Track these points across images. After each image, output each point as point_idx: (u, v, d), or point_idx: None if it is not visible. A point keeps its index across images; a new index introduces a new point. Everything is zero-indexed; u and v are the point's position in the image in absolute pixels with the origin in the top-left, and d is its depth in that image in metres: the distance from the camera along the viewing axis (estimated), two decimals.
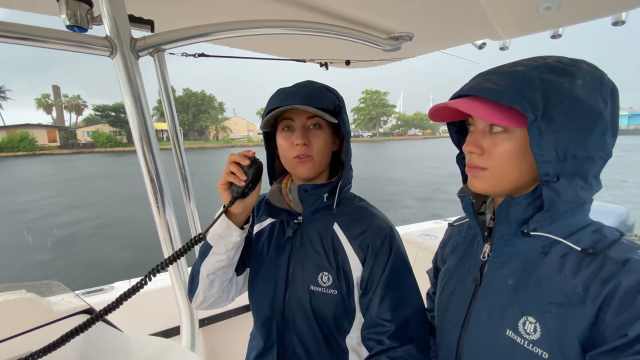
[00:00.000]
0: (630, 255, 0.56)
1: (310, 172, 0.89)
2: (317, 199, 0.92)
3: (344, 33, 1.21)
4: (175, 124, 1.17)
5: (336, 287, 0.89)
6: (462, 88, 0.68)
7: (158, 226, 1.05)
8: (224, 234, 0.86)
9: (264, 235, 1.02)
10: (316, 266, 0.91)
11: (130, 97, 0.93)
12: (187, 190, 1.22)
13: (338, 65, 1.54)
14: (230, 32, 1.03)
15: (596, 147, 0.61)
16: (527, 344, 0.61)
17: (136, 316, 0.69)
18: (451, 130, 0.80)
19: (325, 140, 0.90)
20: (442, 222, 3.09)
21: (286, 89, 0.90)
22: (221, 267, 0.91)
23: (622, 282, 0.54)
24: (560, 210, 0.62)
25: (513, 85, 0.59)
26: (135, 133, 0.97)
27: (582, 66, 0.61)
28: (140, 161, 0.99)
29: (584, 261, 0.60)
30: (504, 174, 0.65)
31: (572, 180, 0.60)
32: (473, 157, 0.68)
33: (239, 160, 0.82)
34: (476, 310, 0.72)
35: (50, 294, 0.78)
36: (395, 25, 1.32)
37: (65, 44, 0.84)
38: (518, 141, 0.63)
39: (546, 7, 1.01)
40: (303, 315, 0.91)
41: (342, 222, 0.94)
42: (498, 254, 0.71)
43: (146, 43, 0.91)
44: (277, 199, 0.97)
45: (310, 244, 0.93)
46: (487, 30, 1.30)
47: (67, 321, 0.71)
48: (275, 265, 0.96)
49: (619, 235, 0.61)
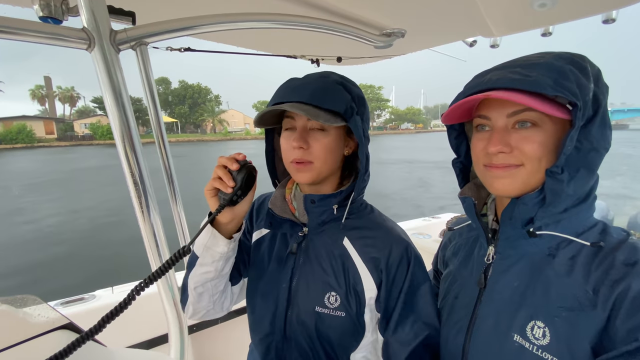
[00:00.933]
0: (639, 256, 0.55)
1: (308, 179, 0.80)
2: (325, 210, 0.84)
3: (336, 28, 1.17)
4: (160, 122, 1.10)
5: (345, 308, 0.81)
6: (480, 82, 0.64)
7: (142, 231, 0.99)
8: (210, 244, 0.78)
9: (264, 243, 0.93)
10: (323, 285, 0.83)
11: (111, 94, 0.86)
12: (173, 191, 1.16)
13: (329, 62, 1.50)
14: (216, 26, 0.97)
15: (599, 139, 0.60)
16: (536, 349, 0.59)
17: (121, 325, 0.64)
18: (451, 134, 0.77)
19: (328, 144, 0.79)
20: (430, 220, 3.11)
21: (296, 80, 0.80)
22: (209, 279, 0.84)
23: (632, 285, 0.52)
24: (562, 204, 0.61)
25: (548, 75, 0.57)
26: (117, 132, 0.90)
27: (588, 60, 0.62)
28: (123, 163, 0.92)
29: (593, 263, 0.58)
30: (539, 169, 0.62)
31: (576, 172, 0.59)
32: (501, 156, 0.63)
33: (227, 163, 0.74)
34: (481, 314, 0.70)
35: (26, 308, 0.71)
36: (387, 21, 1.29)
37: (38, 35, 0.77)
38: (549, 134, 0.60)
39: (541, 3, 1.00)
40: (307, 336, 0.83)
41: (354, 237, 0.85)
42: (503, 257, 0.69)
43: (127, 36, 0.85)
44: (281, 206, 0.88)
45: (316, 260, 0.85)
46: (479, 27, 1.29)
47: (47, 337, 0.65)
48: (276, 279, 0.87)
49: (626, 236, 0.60)
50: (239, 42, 1.37)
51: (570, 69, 0.58)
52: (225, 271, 0.85)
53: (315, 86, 0.76)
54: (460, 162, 0.78)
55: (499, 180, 0.64)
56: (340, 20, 1.21)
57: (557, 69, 0.57)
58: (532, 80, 0.57)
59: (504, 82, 0.59)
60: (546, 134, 0.60)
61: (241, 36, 1.32)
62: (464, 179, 0.80)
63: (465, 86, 0.68)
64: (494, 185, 0.65)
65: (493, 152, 0.63)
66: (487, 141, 0.64)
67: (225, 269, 0.84)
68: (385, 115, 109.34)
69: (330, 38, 1.32)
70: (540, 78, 0.57)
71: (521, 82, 0.57)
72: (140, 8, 0.99)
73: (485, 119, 0.65)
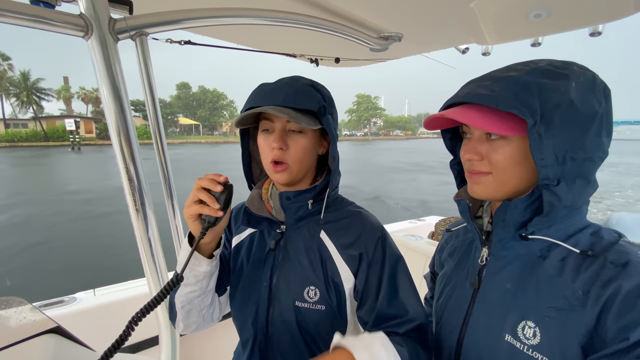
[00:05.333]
0: (630, 257, 0.55)
1: (286, 179, 0.81)
2: (300, 206, 0.84)
3: (335, 29, 1.16)
4: (158, 118, 1.05)
5: (325, 301, 0.81)
6: (457, 95, 0.66)
7: (136, 230, 0.94)
8: (192, 265, 0.77)
9: (243, 247, 0.92)
10: (302, 280, 0.82)
11: (108, 85, 0.81)
12: (169, 192, 1.11)
13: (328, 63, 1.49)
14: (219, 20, 0.94)
15: (594, 148, 0.60)
16: (527, 349, 0.59)
17: (111, 328, 0.60)
18: (445, 137, 0.78)
19: (306, 146, 0.81)
20: (416, 222, 3.15)
21: (268, 85, 0.81)
22: (195, 297, 0.82)
23: (623, 286, 0.53)
24: (559, 214, 0.61)
25: (509, 90, 0.58)
26: (112, 126, 0.85)
27: (574, 68, 0.61)
28: (118, 158, 0.87)
29: (583, 264, 0.59)
30: (508, 179, 0.64)
31: (573, 183, 0.59)
32: (474, 163, 0.66)
33: (209, 186, 0.71)
34: (475, 314, 0.70)
35: (11, 310, 0.66)
36: (385, 24, 1.29)
37: (31, 19, 0.72)
38: (517, 146, 0.61)
39: (536, 14, 1.02)
40: (289, 334, 0.83)
41: (330, 229, 0.86)
42: (496, 258, 0.70)
43: (127, 25, 0.80)
44: (258, 206, 0.88)
45: (295, 256, 0.85)
46: (474, 34, 1.31)
47: (33, 341, 0.61)
48: (256, 280, 0.86)
49: (617, 237, 0.61)
50: (240, 39, 1.33)
51: (538, 83, 0.58)
52: (210, 287, 0.84)
53: (288, 89, 0.78)
54: (457, 163, 0.79)
55: (474, 185, 0.68)
56: (340, 20, 1.20)
57: (523, 83, 0.58)
58: (493, 96, 0.59)
59: (472, 97, 0.62)
60: (513, 145, 0.61)
61: (242, 33, 1.29)
62: (462, 181, 0.79)
63: (455, 93, 0.69)
64: (471, 189, 0.69)
65: (465, 159, 0.67)
66: (464, 148, 0.68)
67: (209, 285, 0.83)
68: (379, 123, 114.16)
69: (329, 39, 1.31)
70: (500, 94, 0.58)
71: (483, 98, 0.60)
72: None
73: (467, 126, 0.68)
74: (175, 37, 1.02)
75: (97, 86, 0.85)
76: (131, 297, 1.59)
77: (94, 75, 0.82)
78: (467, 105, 0.64)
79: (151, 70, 0.98)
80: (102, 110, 0.90)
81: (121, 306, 1.54)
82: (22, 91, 52.76)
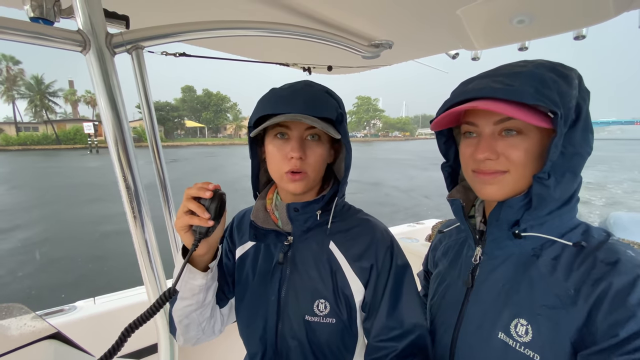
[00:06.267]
0: (620, 256, 0.57)
1: (302, 188, 0.77)
2: (309, 217, 0.81)
3: (327, 38, 1.19)
4: (154, 127, 1.08)
5: (335, 314, 0.78)
6: (465, 91, 0.65)
7: (134, 237, 0.96)
8: (187, 279, 0.74)
9: (248, 259, 0.89)
10: (312, 293, 0.79)
11: (105, 97, 0.83)
12: (166, 198, 1.13)
13: (320, 71, 1.52)
14: (212, 32, 0.97)
15: (582, 144, 0.61)
16: (519, 346, 0.60)
17: (110, 337, 0.61)
18: (440, 139, 0.78)
19: (323, 154, 0.79)
20: (415, 225, 3.17)
21: (281, 90, 0.77)
22: (193, 311, 0.79)
23: (613, 283, 0.54)
24: (547, 208, 0.62)
25: (529, 84, 0.58)
26: (110, 136, 0.87)
27: (569, 67, 0.63)
28: (115, 167, 0.89)
29: (574, 262, 0.60)
30: (524, 176, 0.63)
31: (562, 177, 0.61)
32: (488, 163, 0.64)
33: (198, 194, 0.68)
34: (468, 313, 0.71)
35: (11, 317, 0.67)
36: (376, 32, 1.33)
37: (30, 36, 0.74)
38: (535, 141, 0.61)
39: (519, 20, 1.06)
40: (299, 348, 0.80)
41: (339, 240, 0.83)
42: (490, 257, 0.71)
43: (124, 39, 0.83)
44: (263, 218, 0.84)
45: (303, 268, 0.82)
46: (462, 40, 1.35)
47: (33, 347, 0.62)
48: (263, 293, 0.83)
49: (607, 236, 0.62)
50: (233, 50, 1.36)
51: (551, 77, 0.59)
52: (208, 300, 0.81)
53: (305, 95, 0.75)
54: (449, 166, 0.80)
55: (487, 186, 0.65)
56: (331, 30, 1.23)
57: (539, 77, 0.59)
58: (514, 90, 0.58)
59: (488, 91, 0.60)
60: (531, 141, 0.61)
61: (236, 44, 1.32)
62: (453, 182, 0.81)
63: (452, 93, 0.69)
64: (482, 191, 0.66)
65: (480, 158, 0.64)
66: (475, 147, 0.65)
67: (207, 298, 0.80)
68: (378, 124, 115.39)
69: (321, 48, 1.34)
70: (521, 87, 0.58)
71: (503, 92, 0.59)
72: (133, 13, 0.98)
73: (472, 125, 0.66)
74: (170, 50, 1.05)
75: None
76: (131, 305, 1.59)
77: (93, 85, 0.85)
78: (479, 100, 0.62)
79: (147, 81, 1.01)
80: None
81: (121, 314, 1.55)
82: (36, 95, 53.57)
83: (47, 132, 51.90)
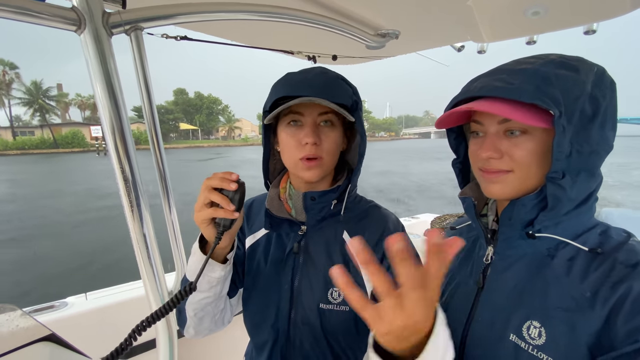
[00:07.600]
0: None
1: (318, 175, 0.77)
2: (324, 206, 0.81)
3: (333, 25, 1.14)
4: (155, 119, 1.01)
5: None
6: (468, 90, 0.63)
7: (131, 231, 0.91)
8: (206, 271, 0.73)
9: (259, 248, 0.88)
10: (325, 281, 0.80)
11: (102, 81, 0.77)
12: (166, 194, 1.08)
13: (325, 60, 1.47)
14: (217, 15, 0.91)
15: (599, 141, 0.59)
16: (532, 349, 0.58)
17: (106, 332, 0.57)
18: (450, 136, 0.76)
19: (337, 139, 0.79)
20: (410, 220, 3.17)
21: (296, 75, 0.76)
22: (209, 304, 0.79)
23: (633, 287, 0.51)
24: (564, 208, 0.60)
25: (530, 82, 0.56)
26: (107, 125, 0.81)
27: (584, 61, 0.60)
28: (113, 158, 0.84)
29: (592, 264, 0.57)
30: (529, 176, 0.61)
31: (577, 176, 0.58)
32: (492, 162, 0.63)
33: (221, 185, 0.65)
34: (478, 313, 0.69)
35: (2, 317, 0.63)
36: (383, 21, 1.28)
37: (19, 12, 0.68)
38: (539, 141, 0.59)
39: (534, 12, 1.02)
40: (312, 337, 0.80)
41: (352, 229, 0.83)
42: (502, 257, 0.69)
43: (122, 19, 0.76)
44: (277, 206, 0.84)
45: (317, 257, 0.83)
46: (470, 32, 1.31)
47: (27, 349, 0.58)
48: (276, 282, 0.83)
49: (627, 237, 0.59)
50: (237, 36, 1.30)
51: (557, 74, 0.57)
52: (224, 292, 0.81)
53: (321, 79, 0.75)
54: (460, 162, 0.78)
55: (492, 185, 0.65)
56: (337, 17, 1.19)
57: (542, 75, 0.57)
58: (513, 89, 0.57)
59: (488, 90, 0.59)
60: (536, 140, 0.60)
61: (239, 29, 1.25)
62: (464, 180, 0.79)
63: (461, 89, 0.67)
64: (487, 189, 0.66)
65: (484, 157, 0.63)
66: (480, 146, 0.65)
67: (223, 290, 0.80)
68: (366, 125, 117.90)
69: (326, 37, 1.29)
70: (521, 85, 0.56)
71: (503, 91, 0.57)
72: None
73: (479, 124, 0.66)
74: (171, 33, 0.99)
75: (92, 92, 0.81)
76: (124, 301, 1.54)
77: (87, 73, 0.79)
78: (482, 99, 0.61)
79: (147, 66, 0.95)
80: (98, 116, 0.87)
81: (114, 311, 1.50)
82: (36, 99, 53.62)
83: (43, 136, 51.79)
